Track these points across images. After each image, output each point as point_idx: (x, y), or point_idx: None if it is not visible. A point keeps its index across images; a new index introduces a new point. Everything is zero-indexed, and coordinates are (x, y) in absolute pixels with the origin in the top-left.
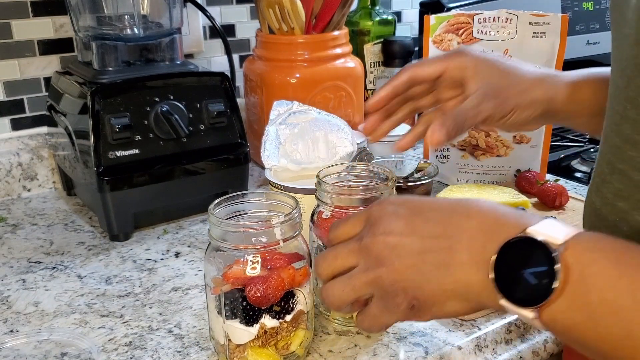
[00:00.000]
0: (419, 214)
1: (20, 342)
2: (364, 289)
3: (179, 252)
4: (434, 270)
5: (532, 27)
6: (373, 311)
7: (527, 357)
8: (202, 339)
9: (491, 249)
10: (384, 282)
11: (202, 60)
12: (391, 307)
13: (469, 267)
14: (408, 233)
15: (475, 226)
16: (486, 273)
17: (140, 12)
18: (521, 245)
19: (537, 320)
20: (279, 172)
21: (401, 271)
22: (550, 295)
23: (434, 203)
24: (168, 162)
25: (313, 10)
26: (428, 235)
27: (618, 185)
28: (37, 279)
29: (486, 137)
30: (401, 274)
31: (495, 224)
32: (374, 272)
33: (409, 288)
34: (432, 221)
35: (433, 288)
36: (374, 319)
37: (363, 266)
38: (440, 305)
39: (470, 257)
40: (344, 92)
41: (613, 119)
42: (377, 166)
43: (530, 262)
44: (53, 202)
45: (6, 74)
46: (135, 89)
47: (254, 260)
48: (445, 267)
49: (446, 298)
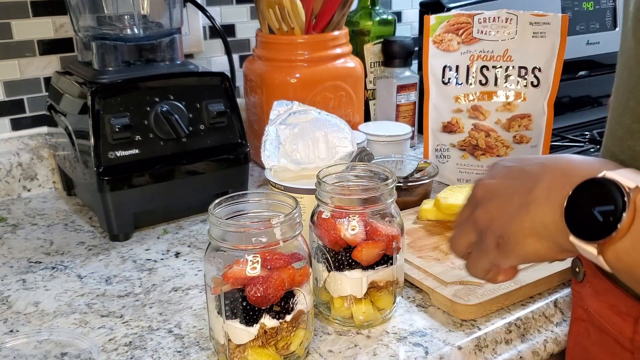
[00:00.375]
0: (519, 162)
1: (20, 342)
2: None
3: (179, 252)
4: (517, 210)
5: (532, 27)
6: (473, 255)
7: (527, 357)
8: (202, 339)
9: (568, 189)
10: (480, 222)
11: (202, 60)
12: (484, 248)
13: (545, 207)
14: (504, 178)
15: (560, 170)
16: (560, 212)
17: (140, 12)
18: (595, 186)
19: (601, 257)
20: (279, 172)
21: (491, 210)
22: (614, 232)
23: (534, 156)
24: (168, 162)
25: (313, 10)
26: (519, 179)
27: None
28: (37, 279)
29: (486, 137)
30: (491, 213)
31: (578, 168)
32: (474, 215)
33: (496, 227)
34: (527, 168)
35: (514, 227)
36: (474, 263)
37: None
38: (521, 244)
39: (547, 197)
40: (344, 92)
41: (617, 110)
42: (377, 166)
43: (600, 201)
44: (53, 202)
45: (6, 74)
46: (135, 89)
47: (254, 260)
48: (525, 207)
49: (525, 236)
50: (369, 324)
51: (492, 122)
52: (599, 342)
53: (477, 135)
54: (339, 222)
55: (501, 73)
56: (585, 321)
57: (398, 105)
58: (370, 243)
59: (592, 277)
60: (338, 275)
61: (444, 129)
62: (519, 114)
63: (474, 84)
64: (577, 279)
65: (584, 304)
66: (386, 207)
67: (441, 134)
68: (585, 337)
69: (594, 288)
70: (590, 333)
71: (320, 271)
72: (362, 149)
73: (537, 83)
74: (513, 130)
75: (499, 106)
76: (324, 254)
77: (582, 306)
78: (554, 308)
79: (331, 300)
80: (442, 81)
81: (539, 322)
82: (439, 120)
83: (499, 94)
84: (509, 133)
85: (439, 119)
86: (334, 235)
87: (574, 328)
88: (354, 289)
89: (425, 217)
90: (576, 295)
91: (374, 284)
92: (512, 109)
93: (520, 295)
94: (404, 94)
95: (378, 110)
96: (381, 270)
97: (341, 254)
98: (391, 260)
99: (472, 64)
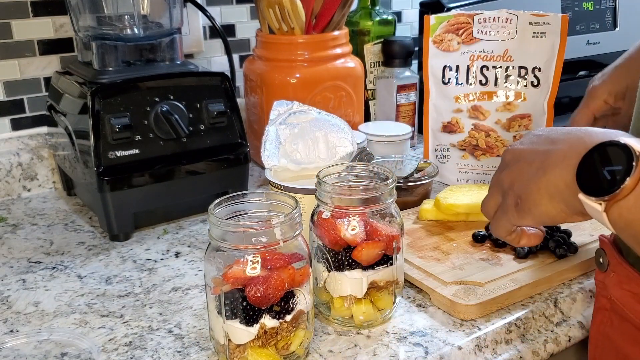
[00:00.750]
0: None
1: (20, 342)
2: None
3: (179, 252)
4: (535, 173)
5: (532, 27)
6: (497, 215)
7: (527, 357)
8: (202, 339)
9: (582, 152)
10: (504, 184)
11: (202, 60)
12: (504, 207)
13: (560, 169)
14: (530, 144)
15: (579, 137)
16: (573, 173)
17: (140, 12)
18: (608, 149)
19: (605, 215)
20: (279, 172)
21: (514, 172)
22: (619, 190)
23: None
24: (168, 162)
25: (313, 10)
26: (543, 145)
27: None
28: (37, 279)
29: (486, 137)
30: (514, 174)
31: (595, 135)
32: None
33: (516, 188)
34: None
35: (532, 188)
36: (497, 222)
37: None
38: (536, 205)
39: (563, 160)
40: (344, 92)
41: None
42: (377, 166)
43: (610, 162)
44: (53, 202)
45: (6, 74)
46: (135, 89)
47: (254, 260)
48: (542, 169)
49: (541, 197)
50: (369, 324)
51: (492, 122)
52: (622, 330)
53: (477, 135)
54: (339, 222)
55: (501, 73)
56: (608, 310)
57: (398, 105)
58: (370, 243)
59: (616, 266)
60: (338, 275)
61: (444, 129)
62: (519, 114)
63: (474, 84)
64: (601, 269)
65: (607, 293)
66: (386, 207)
67: (441, 134)
68: (608, 325)
69: (618, 277)
70: (614, 321)
71: (320, 271)
72: (362, 149)
73: (537, 83)
74: (513, 130)
75: (499, 106)
76: (324, 254)
77: (605, 295)
78: (554, 308)
79: (331, 300)
80: (442, 81)
81: (539, 322)
82: (439, 120)
83: (499, 94)
84: (509, 133)
85: (439, 119)
86: (334, 235)
87: (597, 317)
88: (354, 289)
89: (425, 217)
90: (599, 285)
91: (374, 284)
92: (512, 109)
93: (520, 295)
94: (404, 94)
95: (378, 110)
96: (381, 270)
97: (341, 254)
98: (391, 260)
99: (472, 64)
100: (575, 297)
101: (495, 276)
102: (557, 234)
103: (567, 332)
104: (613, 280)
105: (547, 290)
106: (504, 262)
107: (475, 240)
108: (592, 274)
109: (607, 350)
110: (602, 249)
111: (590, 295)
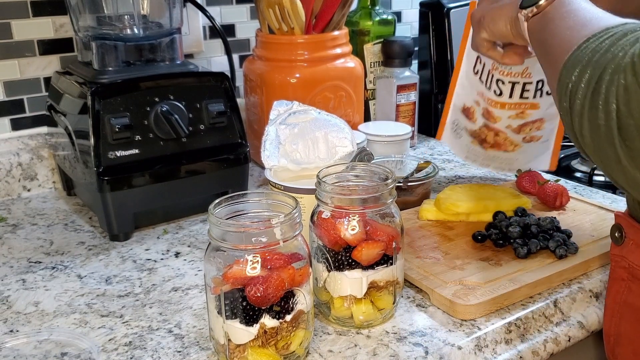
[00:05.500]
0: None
1: (20, 342)
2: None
3: (179, 252)
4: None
5: None
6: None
7: (527, 357)
8: (202, 339)
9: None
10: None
11: (202, 60)
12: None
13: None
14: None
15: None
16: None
17: (140, 12)
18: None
19: (525, 24)
20: (279, 172)
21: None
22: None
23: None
24: (168, 162)
25: (313, 10)
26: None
27: None
28: (37, 279)
29: (495, 136)
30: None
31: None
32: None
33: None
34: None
35: (493, 13)
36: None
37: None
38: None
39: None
40: (344, 92)
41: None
42: (377, 166)
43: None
44: (53, 202)
45: (6, 74)
46: (135, 89)
47: (254, 260)
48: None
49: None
50: (369, 324)
51: (503, 126)
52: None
53: (487, 132)
54: (339, 222)
55: (518, 88)
56: (625, 280)
57: (398, 105)
58: (370, 243)
59: (634, 234)
60: (338, 275)
61: (463, 111)
62: (531, 120)
63: (490, 91)
64: (616, 244)
65: (625, 263)
66: (386, 207)
67: (460, 114)
68: (626, 293)
69: (636, 242)
70: (632, 288)
71: (320, 271)
72: (362, 149)
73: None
74: (523, 134)
75: (512, 114)
76: (324, 254)
77: (623, 266)
78: (554, 308)
79: (331, 300)
80: (473, 70)
81: (539, 322)
82: (462, 101)
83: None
84: (519, 135)
85: (462, 99)
86: (334, 235)
87: (612, 289)
88: (354, 289)
89: (425, 217)
90: (615, 259)
91: (374, 283)
92: (525, 117)
93: (520, 295)
94: (403, 94)
95: (378, 110)
96: (381, 270)
97: (341, 254)
98: (391, 260)
99: (492, 71)
100: (575, 297)
101: (495, 276)
102: (557, 234)
103: (567, 332)
104: (631, 247)
105: (547, 290)
106: (503, 262)
107: (475, 240)
108: (592, 274)
109: (627, 316)
110: (618, 224)
111: (590, 295)
